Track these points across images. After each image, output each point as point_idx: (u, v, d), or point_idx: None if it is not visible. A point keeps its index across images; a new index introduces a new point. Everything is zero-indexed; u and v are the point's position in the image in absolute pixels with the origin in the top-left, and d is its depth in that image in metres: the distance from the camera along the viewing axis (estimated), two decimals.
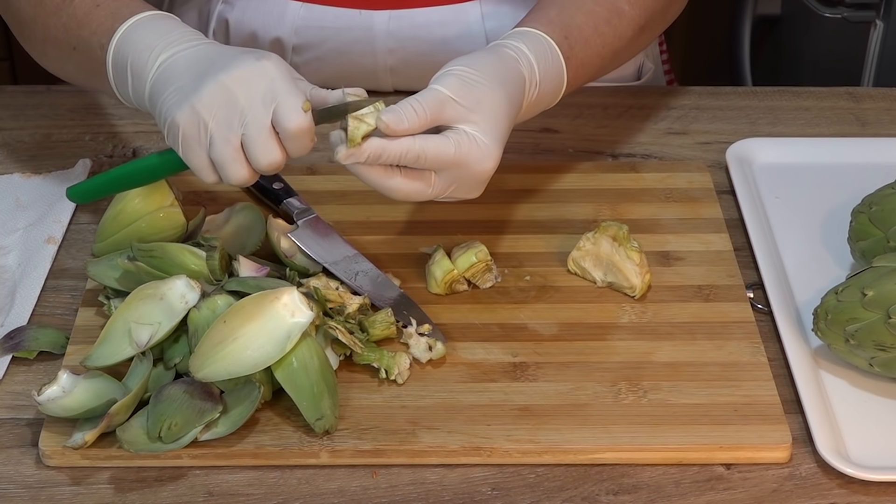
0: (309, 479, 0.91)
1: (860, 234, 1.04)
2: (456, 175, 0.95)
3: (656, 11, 1.11)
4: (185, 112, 0.93)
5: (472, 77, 0.95)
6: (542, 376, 0.97)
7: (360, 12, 1.25)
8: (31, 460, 0.92)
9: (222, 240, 1.02)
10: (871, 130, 1.26)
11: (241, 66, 0.93)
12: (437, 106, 0.94)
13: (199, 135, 0.93)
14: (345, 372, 0.97)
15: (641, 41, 1.12)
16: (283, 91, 0.92)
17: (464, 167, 0.94)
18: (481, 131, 0.94)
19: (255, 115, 0.92)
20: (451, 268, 1.03)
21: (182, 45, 0.96)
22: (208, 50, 0.96)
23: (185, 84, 0.94)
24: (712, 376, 0.97)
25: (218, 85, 0.92)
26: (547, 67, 1.01)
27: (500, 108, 0.96)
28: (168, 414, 0.90)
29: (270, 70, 0.93)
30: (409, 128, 0.92)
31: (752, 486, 0.91)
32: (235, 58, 0.94)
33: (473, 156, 0.94)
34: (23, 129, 1.24)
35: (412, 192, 0.95)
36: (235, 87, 0.92)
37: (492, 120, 0.95)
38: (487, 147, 0.94)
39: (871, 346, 0.94)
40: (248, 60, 0.93)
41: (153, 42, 0.97)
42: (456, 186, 0.96)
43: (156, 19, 0.99)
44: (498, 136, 0.95)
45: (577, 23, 1.04)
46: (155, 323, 0.94)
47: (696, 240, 1.10)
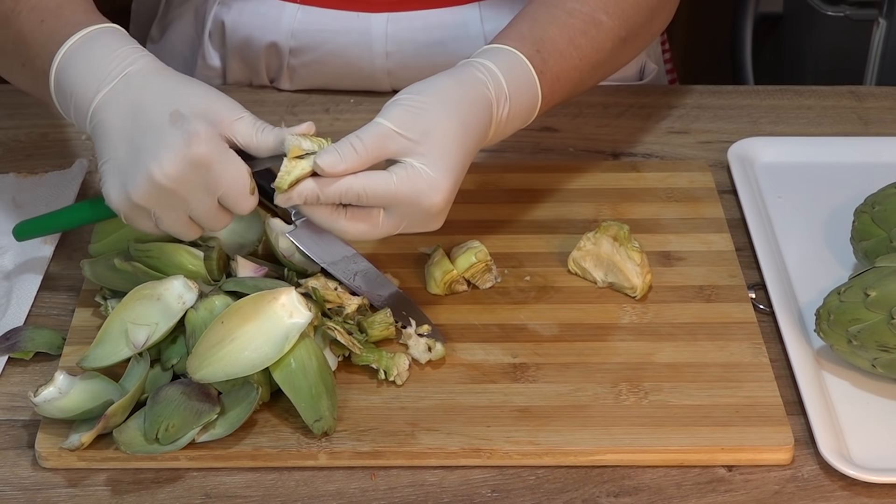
0: (307, 481, 0.90)
1: (863, 234, 1.03)
2: (404, 211, 0.92)
3: (637, 23, 1.08)
4: (120, 198, 0.92)
5: (420, 105, 0.93)
6: (542, 377, 0.97)
7: (358, 15, 1.24)
8: (27, 462, 0.92)
9: (220, 240, 1.01)
10: (873, 129, 1.26)
11: (171, 157, 0.89)
12: (380, 141, 0.91)
13: (140, 216, 0.93)
14: (343, 373, 0.97)
15: (624, 53, 1.10)
16: (226, 180, 0.90)
17: (411, 203, 0.91)
18: (428, 163, 0.91)
19: (199, 202, 0.92)
20: (450, 268, 1.03)
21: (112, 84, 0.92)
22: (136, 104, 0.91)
23: (119, 159, 0.92)
24: (714, 377, 0.97)
25: (151, 182, 0.90)
26: (518, 83, 0.98)
27: (450, 137, 0.92)
28: (165, 415, 0.90)
29: (204, 161, 0.89)
30: (348, 168, 0.90)
31: (753, 487, 0.90)
32: (164, 139, 0.90)
33: (419, 189, 0.91)
34: (19, 129, 1.24)
35: (359, 233, 0.93)
36: (171, 184, 0.90)
37: (440, 150, 0.92)
38: (434, 180, 0.91)
39: (873, 346, 0.93)
40: (178, 147, 0.89)
41: (86, 76, 0.93)
42: (407, 222, 0.93)
43: (92, 41, 0.95)
44: (448, 166, 0.92)
45: (550, 36, 1.02)
46: (152, 324, 0.94)
47: (698, 240, 1.10)
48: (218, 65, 1.30)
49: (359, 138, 0.91)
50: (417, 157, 0.91)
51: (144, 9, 1.38)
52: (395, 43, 1.25)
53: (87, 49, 0.94)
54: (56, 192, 1.14)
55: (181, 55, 1.32)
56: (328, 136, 0.93)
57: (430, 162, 0.92)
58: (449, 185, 0.92)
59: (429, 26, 1.25)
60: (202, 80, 1.30)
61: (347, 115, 1.26)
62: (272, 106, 1.27)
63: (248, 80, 1.30)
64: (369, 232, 0.93)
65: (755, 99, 1.30)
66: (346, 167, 0.90)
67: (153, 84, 0.93)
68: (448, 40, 1.25)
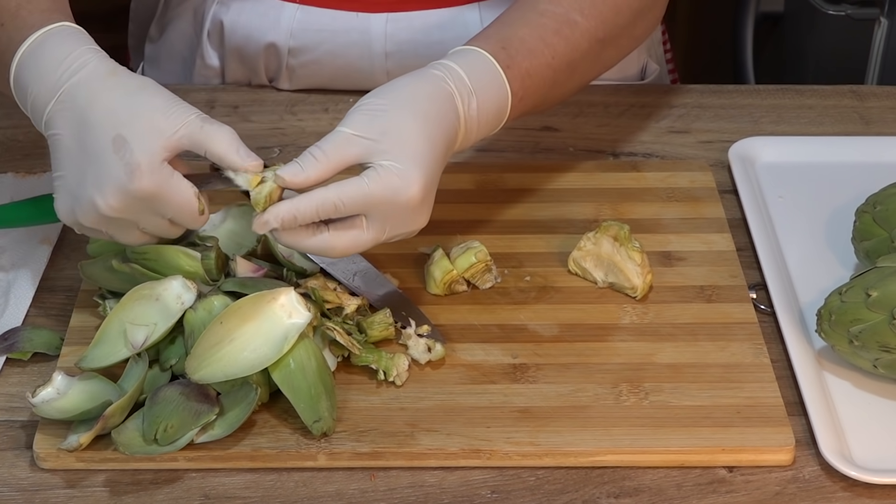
0: (306, 482, 0.90)
1: (864, 234, 1.03)
2: (385, 212, 0.92)
3: (618, 25, 1.08)
4: (73, 222, 0.93)
5: (377, 106, 0.93)
6: (542, 378, 0.97)
7: (358, 15, 1.24)
8: (25, 463, 0.91)
9: (218, 240, 1.01)
10: (875, 129, 1.26)
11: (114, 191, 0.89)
12: (341, 147, 0.91)
13: (91, 231, 0.94)
14: (343, 373, 0.97)
15: (605, 56, 1.09)
16: (173, 206, 0.91)
17: (388, 201, 0.91)
18: (394, 159, 0.91)
19: (149, 222, 0.93)
20: (450, 268, 1.03)
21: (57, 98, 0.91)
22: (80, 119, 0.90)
23: (67, 181, 0.92)
24: (714, 378, 0.97)
25: (97, 212, 0.91)
26: (481, 78, 0.98)
27: (411, 130, 0.92)
28: (164, 416, 0.89)
29: (145, 191, 0.89)
30: (309, 176, 0.90)
31: (754, 488, 0.90)
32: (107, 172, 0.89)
33: (393, 185, 0.90)
34: (17, 129, 1.23)
35: (348, 245, 0.92)
36: (116, 214, 0.91)
37: (402, 144, 0.91)
38: (404, 172, 0.91)
39: (875, 347, 0.93)
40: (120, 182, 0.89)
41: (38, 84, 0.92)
42: (391, 224, 0.92)
43: (41, 46, 0.93)
44: (415, 158, 0.91)
45: (518, 35, 1.02)
46: (150, 324, 0.94)
47: (699, 240, 1.10)
48: (217, 64, 1.30)
49: (318, 147, 0.91)
50: (382, 156, 0.91)
51: (143, 8, 1.38)
52: (395, 43, 1.25)
53: (38, 55, 0.94)
54: None
55: (180, 55, 1.32)
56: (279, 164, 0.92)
57: (396, 157, 0.91)
58: (421, 176, 0.92)
59: (428, 26, 1.25)
60: (201, 79, 1.32)
61: None
62: (271, 105, 1.27)
63: (247, 79, 1.30)
64: (356, 241, 0.92)
65: (756, 98, 1.30)
66: (306, 176, 0.90)
67: (98, 100, 0.91)
68: (447, 40, 1.25)
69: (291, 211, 0.90)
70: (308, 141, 1.22)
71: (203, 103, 1.27)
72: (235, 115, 1.26)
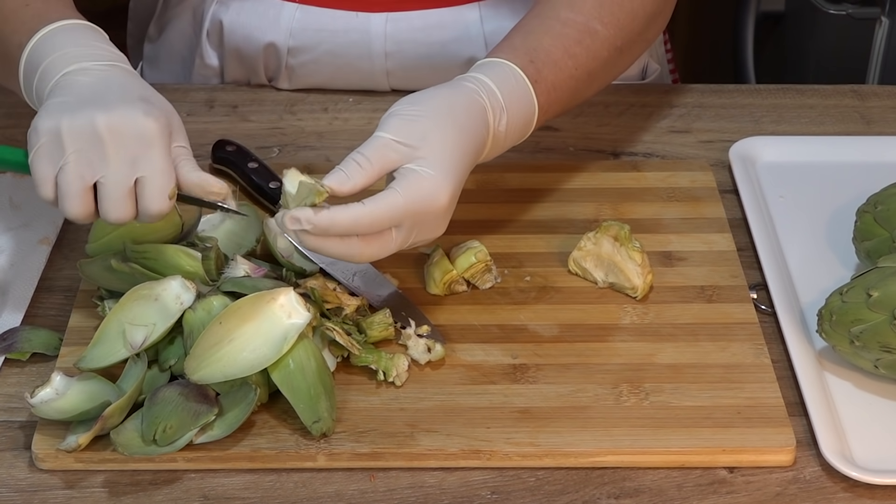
0: (306, 483, 0.90)
1: (865, 234, 1.03)
2: (414, 221, 0.92)
3: (634, 31, 1.08)
4: (49, 126, 0.90)
5: (414, 113, 0.93)
6: (542, 378, 0.96)
7: (357, 14, 1.24)
8: (23, 463, 0.91)
9: (218, 240, 1.01)
10: (876, 129, 1.25)
11: (123, 115, 0.89)
12: (381, 152, 0.91)
13: (53, 153, 0.90)
14: (342, 374, 0.96)
15: (621, 62, 1.10)
16: (156, 168, 0.90)
17: (418, 210, 0.91)
18: (428, 164, 0.91)
19: (117, 171, 0.90)
20: (449, 268, 1.03)
21: (94, 63, 0.94)
22: (112, 79, 0.93)
23: (69, 101, 0.91)
24: (715, 378, 0.96)
25: (90, 121, 0.89)
26: (512, 93, 0.99)
27: (448, 139, 0.93)
28: (163, 416, 0.89)
29: (151, 136, 0.90)
30: (357, 184, 0.90)
31: (755, 489, 0.90)
32: (125, 103, 0.90)
33: (424, 193, 0.91)
34: (16, 128, 1.23)
35: (375, 252, 0.92)
36: (107, 134, 0.89)
37: (439, 152, 0.92)
38: (436, 179, 0.91)
39: (876, 347, 0.93)
40: (135, 113, 0.90)
41: (69, 50, 0.94)
42: (417, 231, 0.93)
43: (80, 29, 0.96)
44: (448, 167, 0.92)
45: (543, 46, 1.02)
46: (150, 324, 0.94)
47: (699, 240, 1.09)
48: (216, 64, 1.30)
49: (361, 154, 0.91)
50: (417, 161, 0.92)
51: (142, 7, 1.37)
52: (395, 43, 1.25)
53: (75, 34, 0.95)
54: None
55: (179, 54, 1.32)
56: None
57: (431, 163, 0.92)
58: (451, 184, 0.92)
59: (428, 26, 1.24)
60: (200, 79, 1.32)
61: (346, 115, 1.26)
62: (270, 105, 1.27)
63: (247, 79, 1.30)
64: (383, 249, 0.92)
65: (757, 98, 1.30)
66: (353, 184, 0.90)
67: (132, 77, 0.94)
68: (448, 40, 1.25)
69: (326, 221, 0.89)
70: (307, 141, 1.22)
71: (202, 103, 1.27)
72: (234, 115, 1.25)
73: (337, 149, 1.21)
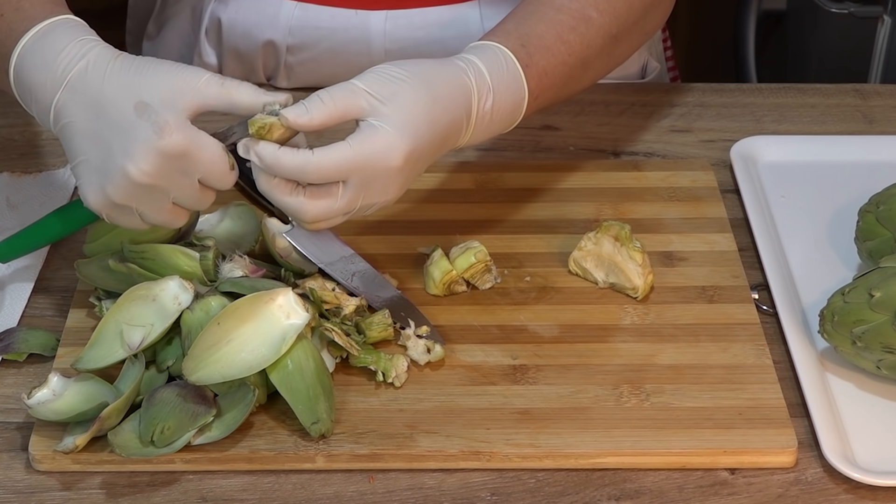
0: (304, 484, 0.90)
1: (867, 234, 1.03)
2: (363, 178, 0.91)
3: (630, 20, 1.08)
4: (103, 201, 0.91)
5: (393, 73, 0.93)
6: (542, 379, 0.96)
7: (357, 12, 1.24)
8: (20, 465, 0.91)
9: (216, 240, 1.01)
10: (878, 128, 1.25)
11: (145, 152, 0.88)
12: (348, 98, 0.90)
13: (125, 213, 0.92)
14: (341, 375, 0.96)
15: (617, 51, 1.09)
16: (204, 163, 0.90)
17: (367, 166, 0.90)
18: (388, 122, 0.90)
19: (180, 188, 0.91)
20: (449, 268, 1.02)
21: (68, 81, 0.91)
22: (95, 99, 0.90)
23: (92, 160, 0.90)
24: (716, 379, 0.96)
25: (129, 180, 0.89)
26: (501, 75, 0.98)
27: (417, 103, 0.92)
28: (161, 417, 0.89)
29: (176, 151, 0.88)
30: (313, 119, 0.89)
31: (756, 491, 0.90)
32: (134, 135, 0.88)
33: (376, 148, 0.90)
34: (12, 128, 1.23)
35: (320, 212, 0.91)
36: (149, 179, 0.89)
37: (404, 112, 0.91)
38: (391, 136, 0.90)
39: (878, 348, 0.93)
40: (149, 141, 0.88)
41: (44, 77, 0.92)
42: (367, 192, 0.91)
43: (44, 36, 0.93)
44: (410, 129, 0.91)
45: (536, 31, 1.02)
46: (147, 325, 0.93)
47: (700, 240, 1.09)
48: (214, 62, 1.29)
49: (327, 92, 0.91)
50: (378, 117, 0.91)
51: (141, 5, 1.37)
52: (394, 41, 1.24)
53: (40, 46, 0.93)
54: (50, 192, 1.13)
55: (177, 52, 1.32)
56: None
57: (391, 121, 0.90)
58: (407, 145, 0.91)
59: (428, 24, 1.24)
60: None
61: None
62: None
63: (245, 77, 1.29)
64: (329, 209, 0.91)
65: (758, 97, 1.29)
66: (310, 118, 0.89)
67: (111, 77, 0.91)
68: (447, 38, 1.24)
69: (271, 157, 0.89)
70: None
71: None
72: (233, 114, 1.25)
73: None
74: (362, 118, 0.91)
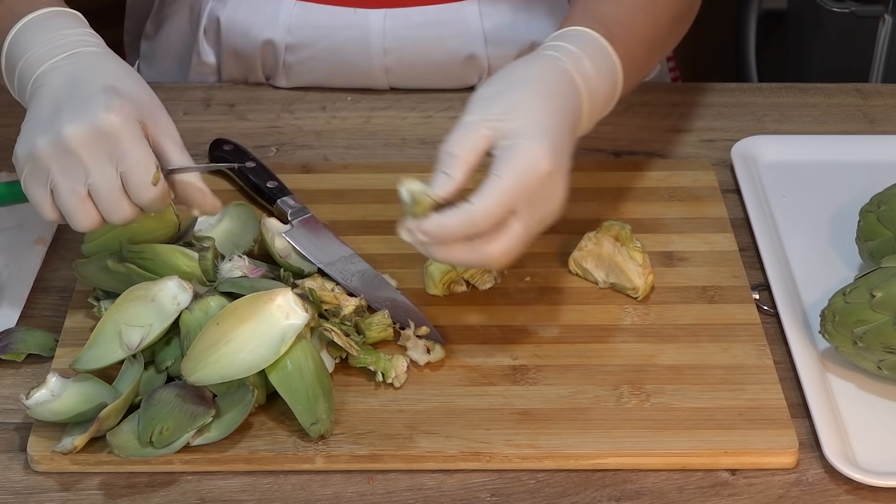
0: (304, 485, 0.90)
1: (868, 234, 1.02)
2: (527, 199, 0.89)
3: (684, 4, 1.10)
4: (25, 150, 0.91)
5: (494, 90, 0.92)
6: (542, 379, 0.96)
7: (356, 11, 1.23)
8: (19, 466, 0.91)
9: (215, 240, 1.01)
10: (879, 128, 1.25)
11: (84, 118, 0.89)
12: (470, 136, 0.89)
13: (38, 177, 0.91)
14: (340, 375, 0.96)
15: (675, 34, 1.10)
16: (132, 160, 0.90)
17: (526, 186, 0.89)
18: (520, 135, 0.90)
19: (102, 174, 0.90)
20: (449, 268, 1.02)
21: (59, 57, 0.93)
22: (77, 73, 0.92)
23: (38, 116, 0.91)
24: (717, 379, 0.96)
25: (58, 136, 0.89)
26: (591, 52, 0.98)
27: (533, 104, 0.91)
28: (159, 418, 0.89)
29: (116, 129, 0.89)
30: (458, 179, 0.88)
31: (757, 491, 0.89)
32: (86, 103, 0.90)
33: (523, 164, 0.88)
34: (10, 127, 1.22)
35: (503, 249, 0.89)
36: (77, 144, 0.89)
37: (527, 118, 0.90)
38: (531, 147, 0.89)
39: (879, 348, 0.93)
40: (96, 112, 0.89)
41: (37, 49, 0.94)
42: (535, 208, 0.90)
43: (47, 19, 0.96)
44: (541, 131, 0.90)
45: (608, 11, 1.02)
46: (146, 325, 0.93)
47: (701, 240, 1.09)
48: (213, 61, 1.29)
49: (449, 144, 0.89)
50: (508, 136, 0.90)
51: (139, 4, 1.37)
52: (393, 39, 1.24)
53: (44, 25, 0.95)
54: None
55: (176, 51, 1.32)
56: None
57: (522, 133, 0.90)
58: (548, 147, 0.90)
59: (427, 22, 1.24)
60: (197, 77, 1.31)
61: (344, 113, 1.25)
62: (268, 104, 1.26)
63: (244, 77, 1.29)
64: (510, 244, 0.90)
65: (759, 97, 1.29)
66: (455, 179, 0.88)
67: (99, 63, 0.93)
68: (447, 36, 1.24)
69: (436, 228, 0.88)
70: (305, 140, 1.22)
71: (199, 101, 1.26)
72: (231, 114, 1.25)
73: (335, 148, 1.21)
74: (494, 146, 0.90)
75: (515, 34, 1.25)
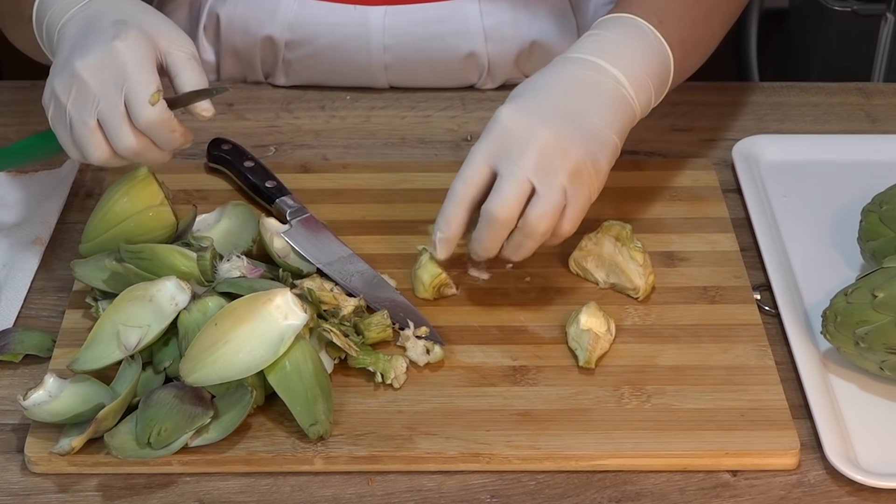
0: (303, 487, 0.89)
1: (870, 234, 1.02)
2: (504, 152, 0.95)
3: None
4: (47, 94, 0.96)
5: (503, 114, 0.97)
6: (542, 380, 0.96)
7: (356, 7, 1.23)
8: (16, 467, 0.91)
9: (213, 240, 1.00)
10: (881, 127, 1.25)
11: (94, 48, 0.94)
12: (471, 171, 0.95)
13: (60, 114, 0.96)
14: (340, 376, 0.96)
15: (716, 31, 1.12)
16: (133, 80, 0.93)
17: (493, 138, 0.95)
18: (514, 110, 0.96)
19: (107, 100, 0.94)
20: (438, 271, 1.01)
21: (76, 8, 0.98)
22: (92, 16, 0.97)
23: (59, 60, 0.96)
24: (718, 380, 0.96)
25: (71, 71, 0.94)
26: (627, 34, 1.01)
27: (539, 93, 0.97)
28: (157, 419, 0.89)
29: (121, 54, 0.93)
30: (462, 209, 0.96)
31: (759, 493, 0.89)
32: (98, 37, 0.95)
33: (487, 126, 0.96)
34: (8, 126, 1.23)
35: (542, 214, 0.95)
36: (86, 74, 0.93)
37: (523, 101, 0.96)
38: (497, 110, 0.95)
39: (881, 349, 0.92)
40: (104, 41, 0.94)
41: (59, 6, 0.99)
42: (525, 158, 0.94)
43: None
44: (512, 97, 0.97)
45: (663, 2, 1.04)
46: (144, 325, 0.93)
47: (702, 240, 1.09)
48: (212, 60, 1.29)
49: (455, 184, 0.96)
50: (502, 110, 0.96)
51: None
52: (393, 36, 1.24)
53: None
54: (46, 192, 1.13)
55: None
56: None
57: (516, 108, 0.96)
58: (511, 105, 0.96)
59: (427, 20, 1.23)
60: None
61: (343, 113, 1.25)
62: (267, 103, 1.26)
63: (243, 75, 1.29)
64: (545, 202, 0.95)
65: (760, 96, 1.29)
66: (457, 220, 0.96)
67: (112, 4, 0.98)
68: (447, 34, 1.24)
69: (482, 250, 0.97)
70: (304, 139, 1.22)
71: None
72: (230, 113, 1.24)
73: (334, 147, 1.20)
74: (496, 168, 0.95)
75: (516, 32, 1.25)
